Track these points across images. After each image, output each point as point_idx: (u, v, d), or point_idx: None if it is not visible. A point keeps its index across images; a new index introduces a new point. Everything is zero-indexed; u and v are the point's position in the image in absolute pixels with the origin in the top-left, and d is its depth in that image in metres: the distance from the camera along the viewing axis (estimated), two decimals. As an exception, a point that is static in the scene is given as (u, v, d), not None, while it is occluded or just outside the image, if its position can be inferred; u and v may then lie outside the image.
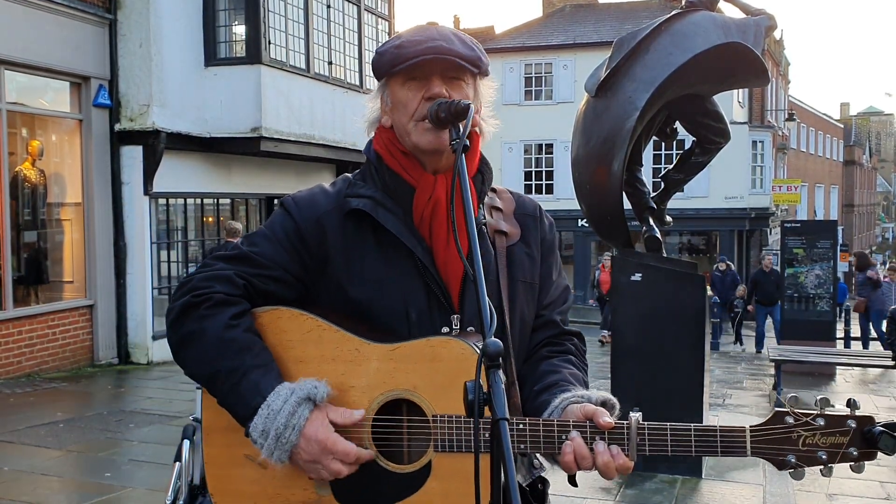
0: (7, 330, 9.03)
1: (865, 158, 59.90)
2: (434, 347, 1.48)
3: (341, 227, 1.60)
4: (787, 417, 1.43)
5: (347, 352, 1.52)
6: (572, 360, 1.72)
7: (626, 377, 6.00)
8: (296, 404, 1.45)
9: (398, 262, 1.59)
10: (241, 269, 1.58)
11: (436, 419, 1.46)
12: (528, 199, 1.82)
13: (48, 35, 9.42)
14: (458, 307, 1.60)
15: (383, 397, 1.50)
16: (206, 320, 1.51)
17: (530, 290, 1.72)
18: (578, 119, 6.02)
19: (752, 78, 6.36)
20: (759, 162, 27.15)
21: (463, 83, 1.62)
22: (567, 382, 1.62)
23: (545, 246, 1.78)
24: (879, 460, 6.14)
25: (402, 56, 1.58)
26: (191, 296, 1.54)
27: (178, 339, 1.56)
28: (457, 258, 1.58)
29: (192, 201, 11.92)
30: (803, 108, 40.27)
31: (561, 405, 1.53)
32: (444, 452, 1.46)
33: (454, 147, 1.43)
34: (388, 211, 1.60)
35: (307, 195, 1.66)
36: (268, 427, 1.44)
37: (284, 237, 1.60)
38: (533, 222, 1.77)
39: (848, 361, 11.09)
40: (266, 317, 1.57)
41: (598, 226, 6.27)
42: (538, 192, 27.60)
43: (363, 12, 13.82)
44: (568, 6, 31.01)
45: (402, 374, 1.48)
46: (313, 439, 1.45)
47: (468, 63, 1.60)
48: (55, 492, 5.44)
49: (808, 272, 12.32)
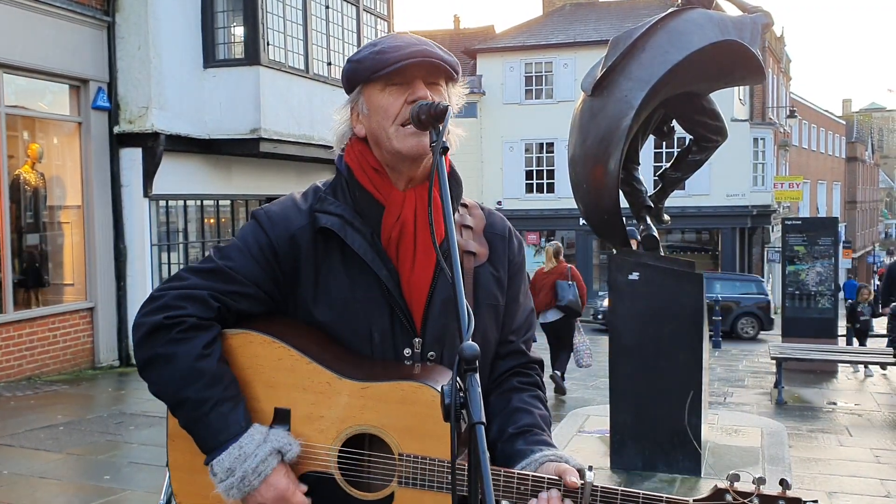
0: (7, 333, 9.04)
1: (868, 155, 59.79)
2: (404, 392, 1.51)
3: (313, 244, 1.61)
4: (726, 495, 1.49)
5: (319, 384, 1.55)
6: (540, 395, 1.74)
7: (624, 376, 6.00)
8: (267, 454, 1.50)
9: (363, 283, 1.59)
10: (215, 285, 1.57)
11: (402, 457, 1.50)
12: (499, 217, 1.81)
13: (47, 38, 9.43)
14: (420, 330, 1.62)
15: (351, 430, 1.54)
16: (178, 345, 1.52)
17: (494, 313, 1.71)
18: (575, 118, 6.01)
19: (748, 76, 6.35)
20: (760, 159, 27.14)
21: (441, 88, 1.62)
22: (540, 429, 1.65)
23: (513, 268, 1.76)
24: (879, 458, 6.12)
25: (386, 60, 1.57)
26: (163, 317, 1.53)
27: (146, 359, 1.55)
28: (421, 281, 1.61)
29: (192, 203, 11.92)
30: (805, 105, 40.20)
31: (540, 460, 1.56)
32: (408, 487, 1.50)
33: (434, 149, 1.42)
34: (356, 231, 1.60)
35: (280, 210, 1.65)
36: (235, 467, 1.49)
37: (258, 252, 1.60)
38: (502, 243, 1.75)
39: (850, 359, 11.07)
40: (236, 339, 1.58)
41: (596, 225, 6.26)
42: (539, 192, 27.63)
43: (362, 13, 13.82)
44: (568, 5, 31.01)
45: (372, 412, 1.52)
46: (274, 487, 1.50)
47: (450, 67, 1.61)
48: (54, 495, 5.44)
49: (809, 269, 12.29)
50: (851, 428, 8.18)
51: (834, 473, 6.40)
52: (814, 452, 7.12)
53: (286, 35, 11.77)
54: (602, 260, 25.72)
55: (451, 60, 1.63)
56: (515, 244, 1.79)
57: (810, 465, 6.65)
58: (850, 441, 7.58)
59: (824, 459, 6.86)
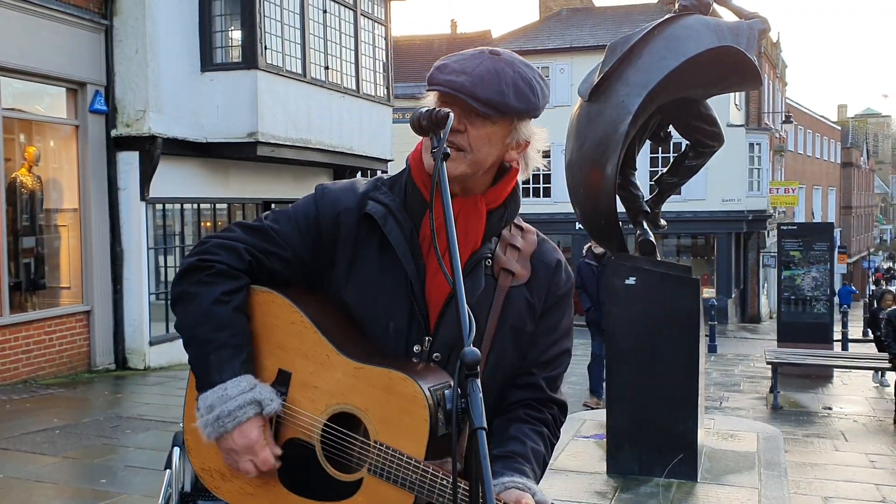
0: (3, 336, 9.02)
1: (863, 160, 59.92)
2: (392, 380, 1.51)
3: (356, 227, 1.65)
4: None
5: (319, 354, 1.59)
6: (544, 433, 1.69)
7: (620, 381, 6.01)
8: (247, 402, 1.54)
9: (392, 274, 1.63)
10: (255, 241, 1.64)
11: (376, 445, 1.51)
12: (552, 247, 1.77)
13: (44, 41, 9.43)
14: (433, 329, 1.63)
15: (338, 407, 1.56)
16: (203, 286, 1.60)
17: (518, 337, 1.68)
18: (572, 123, 6.03)
19: (745, 81, 6.38)
20: (756, 164, 27.17)
21: (489, 122, 1.58)
22: (525, 460, 1.61)
23: (552, 299, 1.72)
24: (875, 463, 6.15)
25: (432, 79, 1.59)
26: (198, 258, 1.63)
27: (176, 294, 1.65)
28: (444, 284, 1.59)
29: (188, 206, 11.91)
30: (800, 111, 40.31)
31: (507, 484, 1.54)
32: (376, 477, 1.51)
33: (434, 155, 1.43)
34: (397, 223, 1.63)
35: (337, 188, 1.71)
36: (215, 405, 1.55)
37: (304, 222, 1.66)
38: (546, 271, 1.72)
39: (845, 364, 11.10)
40: (261, 297, 1.65)
41: (592, 229, 6.28)
42: (536, 196, 27.63)
43: (359, 17, 13.83)
44: (565, 10, 31.05)
45: (359, 393, 1.54)
46: (245, 435, 1.55)
47: (486, 108, 1.55)
48: (51, 498, 5.43)
49: (804, 274, 12.34)
50: (847, 433, 8.21)
51: (829, 478, 6.42)
52: (809, 457, 7.14)
53: (284, 39, 11.78)
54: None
55: (494, 100, 1.55)
56: (563, 277, 1.75)
57: (806, 469, 6.66)
58: (846, 446, 7.60)
59: (820, 464, 6.88)
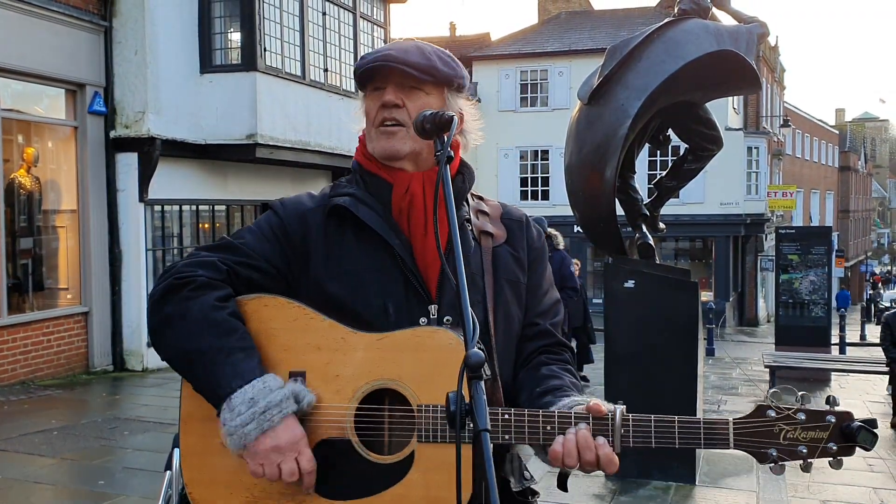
0: (2, 337, 9.01)
1: (861, 164, 60.01)
2: (420, 337, 1.49)
3: (324, 225, 1.66)
4: (769, 411, 1.44)
5: (333, 340, 1.52)
6: (570, 369, 1.72)
7: (619, 384, 6.01)
8: (289, 394, 1.46)
9: (376, 256, 1.62)
10: (225, 256, 1.60)
11: (420, 409, 1.46)
12: (514, 208, 1.85)
13: (43, 42, 9.43)
14: (435, 297, 1.62)
15: (368, 387, 1.50)
16: (190, 301, 1.51)
17: (516, 289, 1.72)
18: (571, 126, 6.04)
19: (744, 85, 6.39)
20: (754, 168, 27.21)
21: (422, 93, 1.65)
22: (570, 389, 1.61)
23: (533, 252, 1.78)
24: (873, 466, 6.14)
25: (358, 65, 1.68)
26: (174, 278, 1.55)
27: (160, 321, 1.54)
28: (434, 248, 1.61)
29: (187, 208, 11.91)
30: (798, 114, 40.37)
31: (569, 405, 1.52)
32: (428, 443, 1.45)
33: (438, 158, 1.45)
34: (367, 207, 1.65)
35: (294, 197, 1.74)
36: (258, 398, 1.43)
37: (269, 232, 1.65)
38: (519, 227, 1.79)
39: (843, 367, 11.11)
40: (251, 304, 1.58)
41: (591, 233, 6.29)
42: (534, 199, 27.63)
43: (359, 19, 13.85)
44: (563, 13, 31.09)
45: (388, 363, 1.49)
46: (291, 429, 1.45)
47: (418, 72, 1.63)
48: (49, 500, 5.43)
49: (802, 278, 12.36)
50: (845, 436, 8.18)
51: (827, 482, 6.42)
52: (807, 461, 7.14)
53: (283, 41, 11.79)
54: (596, 267, 25.72)
55: (425, 65, 1.63)
56: (534, 231, 1.82)
57: (804, 473, 6.66)
58: (844, 449, 7.59)
59: (818, 468, 6.80)
